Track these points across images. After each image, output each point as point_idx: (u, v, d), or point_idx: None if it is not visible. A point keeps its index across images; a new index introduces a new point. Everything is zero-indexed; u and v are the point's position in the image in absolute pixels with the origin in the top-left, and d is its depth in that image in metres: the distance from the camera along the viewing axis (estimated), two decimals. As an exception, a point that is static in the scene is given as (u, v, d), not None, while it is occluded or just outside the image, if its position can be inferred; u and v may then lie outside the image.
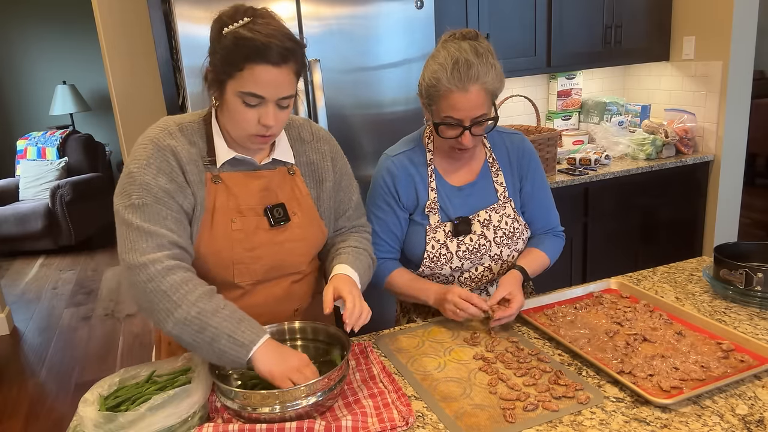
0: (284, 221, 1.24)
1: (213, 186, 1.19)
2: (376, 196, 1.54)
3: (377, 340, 1.39)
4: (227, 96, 1.12)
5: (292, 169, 1.29)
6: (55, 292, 4.43)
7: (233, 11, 1.10)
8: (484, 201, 1.52)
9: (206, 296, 1.08)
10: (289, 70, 1.11)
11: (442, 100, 1.34)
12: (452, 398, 1.13)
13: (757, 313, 1.40)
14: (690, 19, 3.13)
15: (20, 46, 6.13)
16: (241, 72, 1.08)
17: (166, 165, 1.13)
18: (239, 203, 1.21)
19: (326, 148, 1.35)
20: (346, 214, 1.39)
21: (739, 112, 3.08)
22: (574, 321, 1.40)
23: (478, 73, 1.31)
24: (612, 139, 3.19)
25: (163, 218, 1.11)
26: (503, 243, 1.52)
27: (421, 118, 2.40)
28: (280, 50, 1.07)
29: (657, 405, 1.05)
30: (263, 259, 1.23)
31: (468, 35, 1.37)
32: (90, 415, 0.99)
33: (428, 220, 1.50)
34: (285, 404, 1.02)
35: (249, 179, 1.22)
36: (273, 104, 1.12)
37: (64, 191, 5.04)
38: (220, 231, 1.18)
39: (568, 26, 2.98)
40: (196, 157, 1.18)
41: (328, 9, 2.20)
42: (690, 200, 3.19)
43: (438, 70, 1.32)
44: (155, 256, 1.07)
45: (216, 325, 1.05)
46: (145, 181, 1.11)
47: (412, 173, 1.51)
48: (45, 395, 3.03)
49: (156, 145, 1.14)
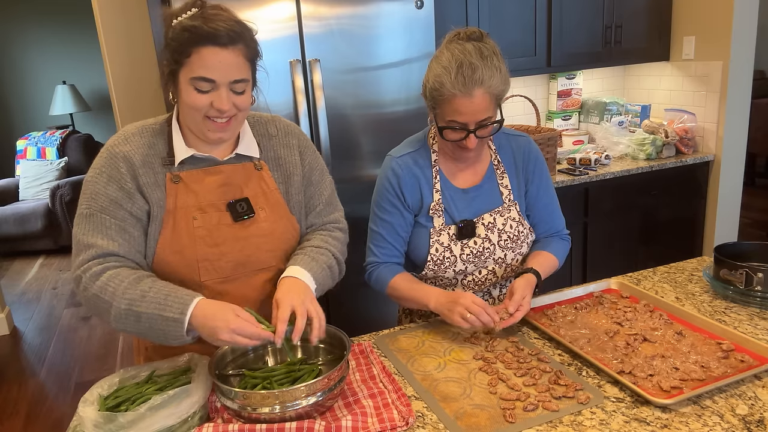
0: (248, 215, 1.24)
1: (173, 186, 1.19)
2: (380, 198, 1.51)
3: (377, 340, 1.39)
4: (181, 86, 1.13)
5: (259, 164, 1.28)
6: (55, 292, 4.43)
7: (183, 5, 1.12)
8: (489, 204, 1.51)
9: (132, 285, 1.10)
10: (238, 52, 1.11)
11: (445, 104, 1.32)
12: (452, 398, 1.13)
13: (757, 313, 1.40)
14: (690, 19, 3.13)
15: (20, 46, 6.13)
16: (189, 58, 1.09)
17: (117, 173, 1.16)
18: (199, 200, 1.21)
19: (294, 141, 1.34)
20: (316, 209, 1.37)
21: (739, 112, 3.08)
22: (574, 321, 1.40)
23: (483, 77, 1.28)
24: (612, 139, 3.19)
25: (106, 228, 1.15)
26: (507, 246, 1.50)
27: (421, 118, 2.40)
28: (226, 32, 1.09)
29: (657, 405, 1.05)
30: (228, 255, 1.22)
31: (473, 35, 1.34)
32: (90, 415, 0.99)
33: (432, 223, 1.48)
34: (285, 404, 1.02)
35: (207, 175, 1.22)
36: (225, 88, 1.12)
37: (64, 191, 5.04)
38: (183, 230, 1.19)
39: (568, 26, 2.98)
40: (153, 159, 1.20)
41: (328, 9, 2.20)
42: (690, 200, 3.19)
43: (442, 74, 1.30)
44: (85, 267, 1.13)
45: (146, 310, 1.08)
46: (95, 190, 1.16)
47: (416, 174, 1.49)
48: (45, 395, 3.03)
49: (109, 153, 1.18)
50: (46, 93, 6.21)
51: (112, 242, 1.14)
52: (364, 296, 2.42)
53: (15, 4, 5.99)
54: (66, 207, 5.04)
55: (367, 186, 2.43)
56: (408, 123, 2.38)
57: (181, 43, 1.09)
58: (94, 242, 1.14)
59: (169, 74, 1.14)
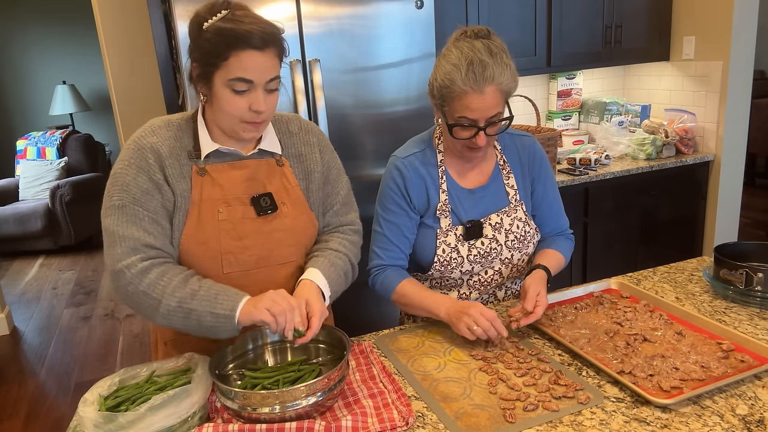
0: (272, 210, 1.25)
1: (199, 178, 1.21)
2: (386, 199, 1.50)
3: (377, 340, 1.39)
4: (216, 88, 1.14)
5: (281, 161, 1.30)
6: (55, 292, 4.43)
7: (209, 7, 1.13)
8: (496, 204, 1.50)
9: (182, 284, 1.13)
10: (273, 54, 1.15)
11: (456, 101, 1.32)
12: (452, 398, 1.13)
13: (757, 313, 1.40)
14: (690, 19, 3.13)
15: (20, 46, 6.13)
16: (226, 61, 1.11)
17: (145, 163, 1.17)
18: (224, 193, 1.22)
19: (314, 140, 1.36)
20: (333, 208, 1.38)
21: (739, 112, 3.08)
22: (574, 321, 1.40)
23: (494, 73, 1.28)
24: (612, 139, 3.19)
25: (140, 219, 1.15)
26: (514, 247, 1.50)
27: (421, 118, 2.40)
28: (261, 35, 1.11)
29: (657, 405, 1.05)
30: (251, 249, 1.24)
31: (480, 33, 1.33)
32: (90, 415, 0.99)
33: (439, 224, 1.47)
34: (285, 404, 1.02)
35: (233, 169, 1.24)
36: (261, 89, 1.15)
37: (64, 191, 5.04)
38: (208, 222, 1.20)
39: (568, 26, 2.98)
40: (180, 151, 1.21)
41: (328, 9, 2.20)
42: (690, 200, 3.19)
43: (452, 71, 1.29)
44: (129, 261, 1.13)
45: (196, 308, 1.11)
46: (126, 182, 1.16)
47: (422, 175, 1.48)
48: (45, 395, 3.03)
49: (137, 145, 1.19)
50: (46, 93, 6.21)
51: (147, 234, 1.15)
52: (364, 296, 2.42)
53: (15, 4, 5.99)
54: (66, 207, 5.04)
55: (367, 186, 2.44)
56: (408, 123, 2.38)
57: (218, 46, 1.10)
58: (131, 234, 1.14)
59: (200, 75, 1.16)
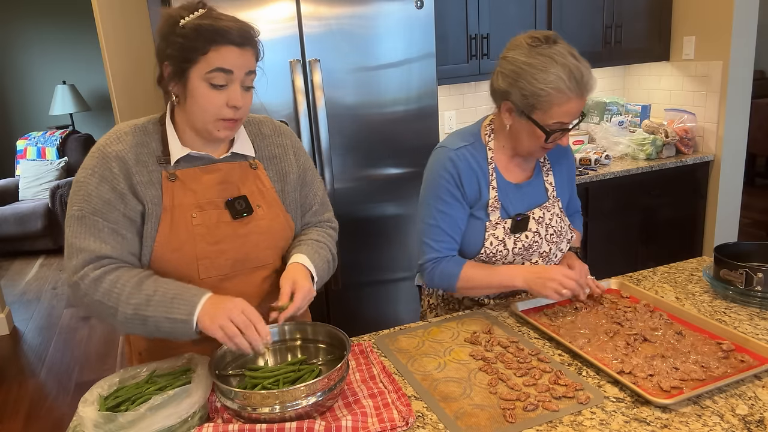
0: (247, 213, 1.25)
1: (169, 184, 1.19)
2: (439, 189, 1.49)
3: (377, 340, 1.39)
4: (192, 84, 1.13)
5: (254, 163, 1.29)
6: (55, 292, 4.43)
7: (185, 6, 1.14)
8: (538, 199, 1.56)
9: (136, 289, 1.11)
10: (250, 53, 1.15)
11: (555, 107, 1.35)
12: (452, 398, 1.13)
13: (757, 313, 1.40)
14: (690, 19, 3.13)
15: (20, 46, 6.13)
16: (205, 55, 1.11)
17: (109, 173, 1.16)
18: (197, 198, 1.21)
19: (287, 142, 1.37)
20: (312, 209, 1.41)
21: (739, 112, 3.08)
22: (574, 321, 1.40)
23: (590, 80, 1.37)
24: (612, 139, 3.19)
25: (98, 230, 1.14)
26: (553, 241, 1.55)
27: (421, 117, 2.40)
28: (240, 32, 1.12)
29: (657, 405, 1.05)
30: (227, 253, 1.23)
31: (553, 38, 1.38)
32: (90, 415, 0.99)
33: (488, 216, 1.50)
34: (285, 404, 1.02)
35: (205, 173, 1.23)
36: (239, 84, 1.15)
37: (64, 191, 5.04)
38: (181, 228, 1.19)
39: (568, 26, 2.98)
40: (147, 157, 1.19)
41: (328, 9, 2.20)
42: (690, 200, 3.19)
43: (556, 80, 1.32)
44: (82, 273, 1.12)
45: (153, 314, 1.10)
46: (88, 191, 1.15)
47: (474, 168, 1.49)
48: (45, 395, 3.03)
49: (101, 153, 1.17)
50: (46, 93, 6.21)
51: (104, 245, 1.14)
52: (364, 296, 2.42)
53: (15, 4, 5.99)
54: (66, 207, 5.03)
55: (367, 186, 2.44)
56: (407, 123, 2.38)
57: (197, 41, 1.10)
58: (86, 246, 1.13)
59: (174, 74, 1.15)
